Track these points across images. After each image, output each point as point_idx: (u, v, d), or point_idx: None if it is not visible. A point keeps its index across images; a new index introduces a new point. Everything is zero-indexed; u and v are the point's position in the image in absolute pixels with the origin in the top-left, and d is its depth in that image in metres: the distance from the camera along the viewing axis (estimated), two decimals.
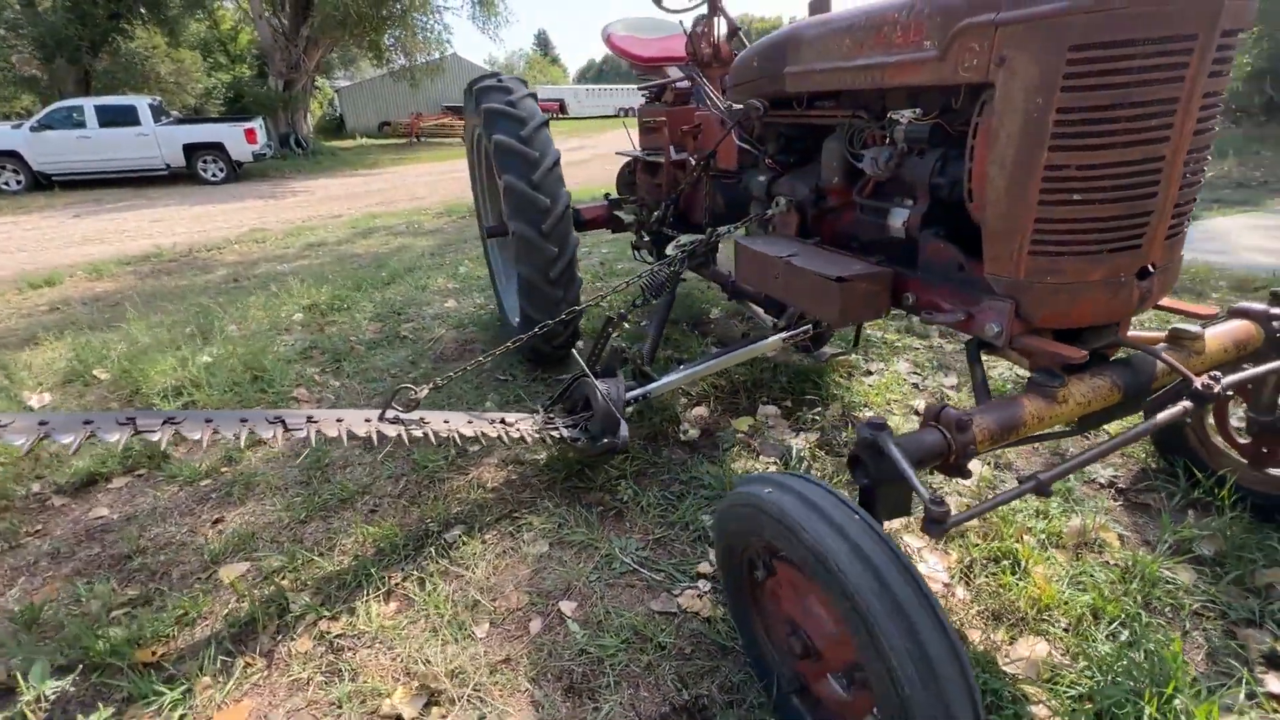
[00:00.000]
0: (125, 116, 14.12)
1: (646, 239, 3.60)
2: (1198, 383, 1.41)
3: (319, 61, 21.08)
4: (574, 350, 2.37)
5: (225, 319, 4.41)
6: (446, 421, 2.14)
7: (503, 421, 2.25)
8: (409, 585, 1.97)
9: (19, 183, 13.94)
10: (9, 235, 9.61)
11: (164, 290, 5.91)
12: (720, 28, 3.02)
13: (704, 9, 3.03)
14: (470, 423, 2.19)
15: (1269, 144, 9.86)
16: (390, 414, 2.06)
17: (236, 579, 2.04)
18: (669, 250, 2.70)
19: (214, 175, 14.85)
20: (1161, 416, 1.42)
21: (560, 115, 36.24)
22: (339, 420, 1.95)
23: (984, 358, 1.67)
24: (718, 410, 2.87)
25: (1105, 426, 2.12)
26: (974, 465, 2.26)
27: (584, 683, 1.62)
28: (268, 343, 3.87)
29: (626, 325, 2.98)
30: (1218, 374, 1.46)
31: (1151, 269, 1.40)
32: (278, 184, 14.88)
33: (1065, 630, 1.66)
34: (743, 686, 1.57)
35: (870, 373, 3.06)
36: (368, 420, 2.01)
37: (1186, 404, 1.42)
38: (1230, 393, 1.53)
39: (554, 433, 2.29)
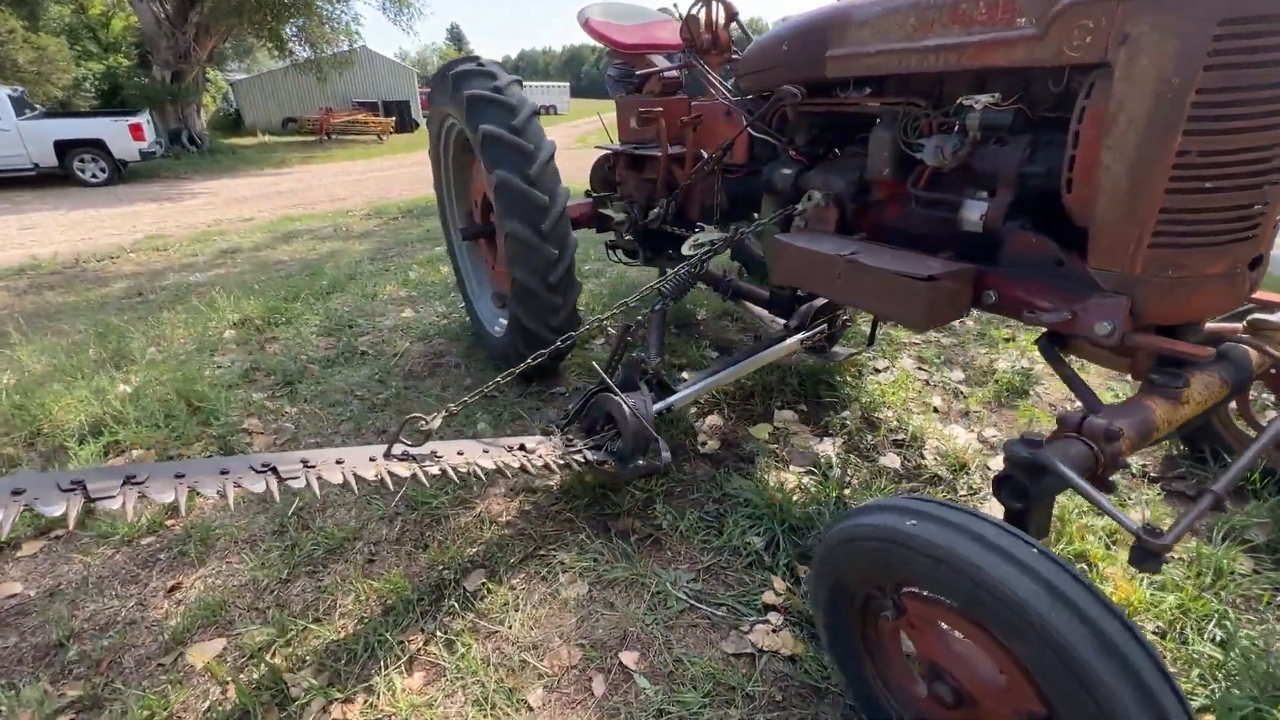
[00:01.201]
0: None
1: (628, 238, 3.39)
2: None
3: (211, 51, 19.26)
4: (594, 363, 2.13)
5: (138, 340, 3.81)
6: (461, 453, 1.86)
7: (522, 448, 1.99)
8: (434, 650, 1.68)
9: None
10: None
11: (50, 308, 5.11)
12: (719, 13, 2.84)
13: None
14: (486, 452, 1.91)
15: None
16: (398, 449, 1.75)
17: (213, 661, 1.68)
18: (686, 249, 2.50)
19: (94, 176, 13.21)
20: None
21: None
22: (339, 462, 1.63)
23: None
24: (732, 419, 2.71)
25: None
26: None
27: None
28: (198, 366, 3.36)
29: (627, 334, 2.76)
30: None
31: (1260, 259, 1.34)
32: (172, 185, 13.45)
33: (1159, 634, 1.61)
34: None
35: (878, 370, 2.99)
36: (372, 459, 1.70)
37: None
38: None
39: (578, 457, 2.04)
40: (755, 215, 2.42)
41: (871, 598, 1.29)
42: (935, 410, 2.65)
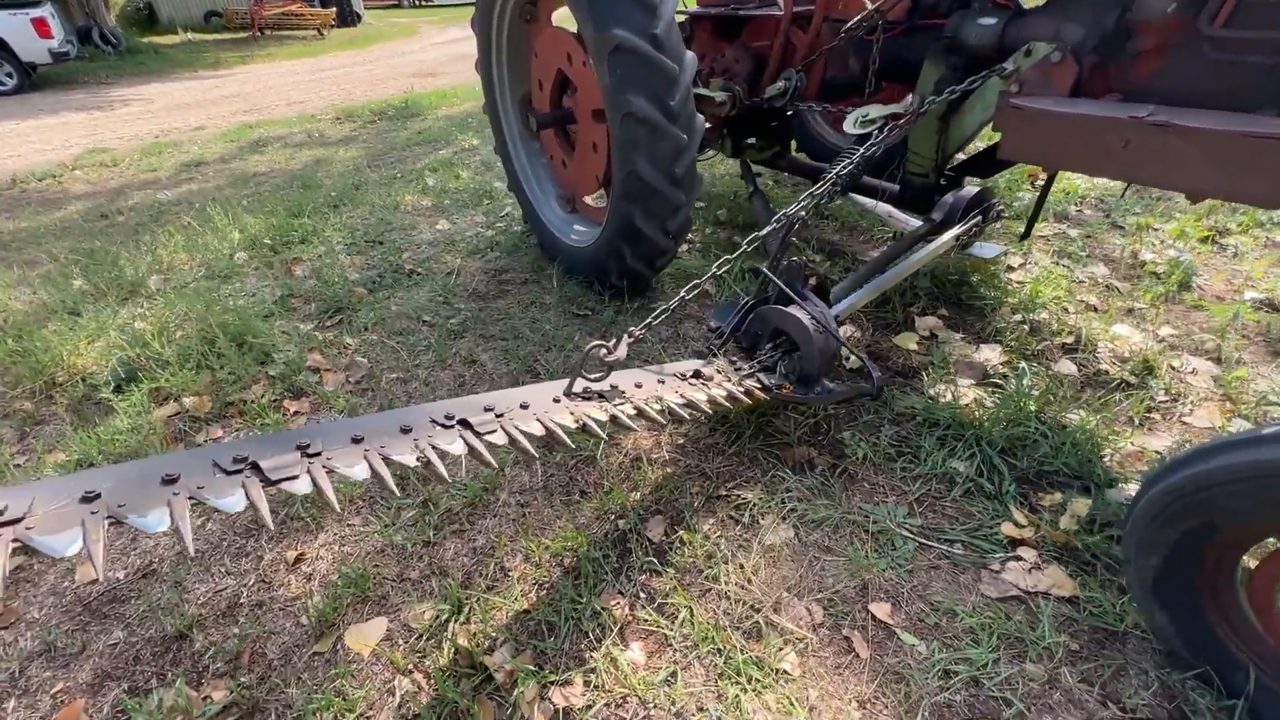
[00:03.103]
0: None
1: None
2: None
3: None
4: (761, 267, 1.78)
5: (131, 268, 3.26)
6: (639, 386, 1.54)
7: (697, 375, 1.67)
8: (645, 615, 1.44)
9: None
10: None
11: (1, 235, 4.41)
12: None
13: None
14: (663, 383, 1.59)
15: None
16: (580, 386, 1.42)
17: (381, 646, 1.40)
18: (851, 127, 2.09)
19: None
20: None
21: (424, 2, 31.73)
22: (524, 406, 1.29)
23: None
24: (869, 329, 2.42)
25: None
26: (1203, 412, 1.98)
27: (980, 718, 1.21)
28: (223, 295, 2.88)
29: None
30: None
31: None
32: (96, 92, 11.83)
33: None
34: (1178, 687, 1.23)
35: (1012, 268, 2.71)
36: (557, 400, 1.37)
37: None
38: None
39: (753, 383, 1.74)
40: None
41: (1225, 548, 1.07)
42: (1094, 309, 2.40)
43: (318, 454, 1.00)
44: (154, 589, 1.59)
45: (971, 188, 2.38)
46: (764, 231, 1.69)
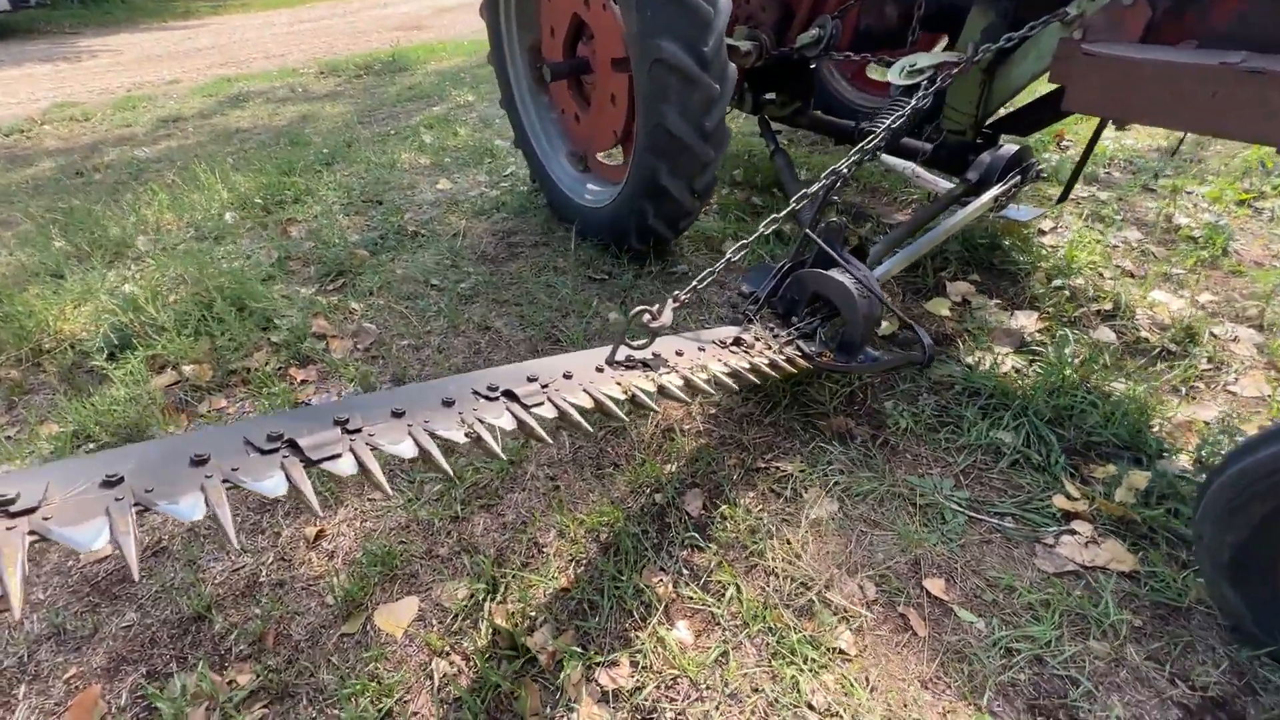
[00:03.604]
0: None
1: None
2: None
3: None
4: (808, 231, 1.67)
5: (115, 227, 3.07)
6: (680, 353, 1.45)
7: (737, 343, 1.59)
8: (690, 593, 1.38)
9: None
10: None
11: None
12: None
13: None
14: (703, 351, 1.51)
15: None
16: (622, 354, 1.33)
17: (414, 627, 1.34)
18: (895, 78, 1.95)
19: None
20: None
21: None
22: (566, 375, 1.20)
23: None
24: (899, 293, 2.33)
25: None
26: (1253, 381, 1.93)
27: (1046, 697, 1.17)
28: (215, 257, 2.73)
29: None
30: None
31: None
32: (61, 42, 11.22)
33: None
34: (1248, 665, 1.19)
35: (1043, 232, 2.62)
36: (600, 369, 1.28)
37: None
38: None
39: (792, 350, 1.66)
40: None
41: None
42: (1130, 275, 2.33)
43: (358, 430, 0.91)
44: (166, 568, 1.50)
45: (1010, 146, 2.27)
46: (815, 188, 1.58)
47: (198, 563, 1.51)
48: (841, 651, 1.26)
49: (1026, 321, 2.13)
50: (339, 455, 0.85)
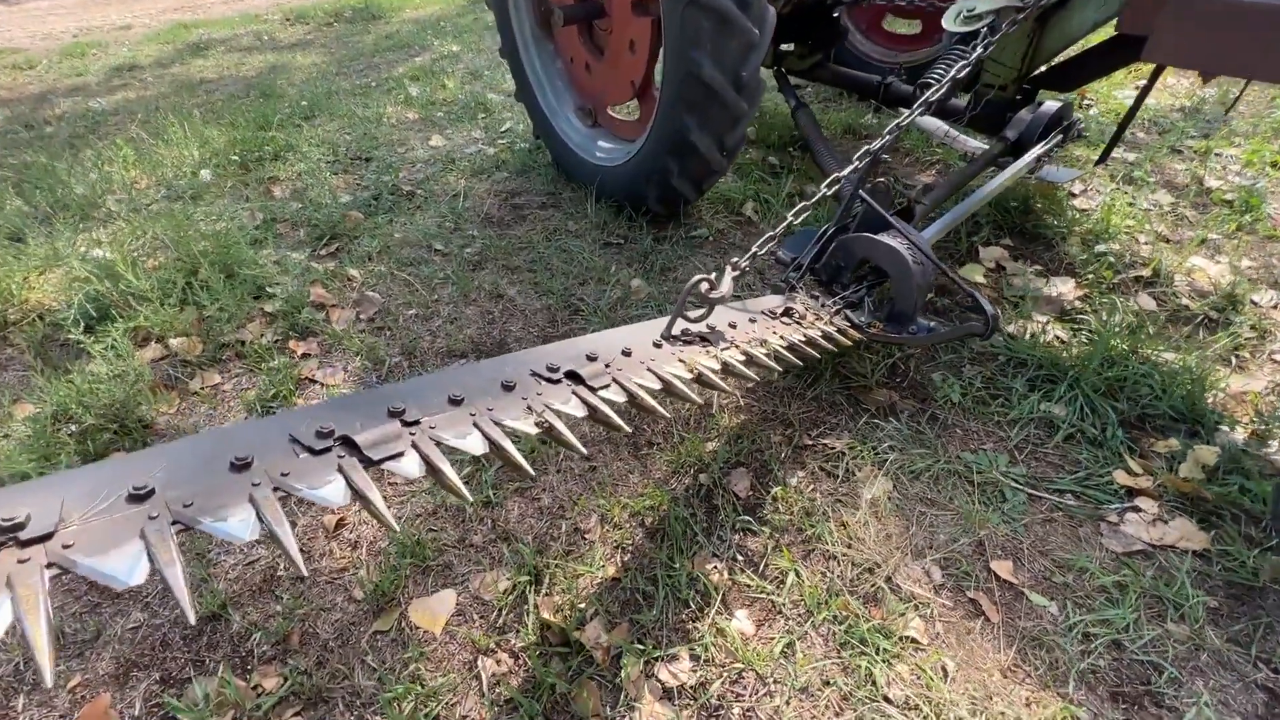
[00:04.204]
0: None
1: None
2: None
3: None
4: (862, 192, 1.56)
5: (81, 183, 2.81)
6: (734, 326, 1.34)
7: (787, 314, 1.48)
8: (746, 580, 1.30)
9: None
10: None
11: None
12: None
13: None
14: (754, 322, 1.40)
15: None
16: (679, 328, 1.21)
17: (453, 622, 1.24)
18: (950, 24, 1.80)
19: None
20: None
21: None
22: (625, 352, 1.08)
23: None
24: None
25: None
26: None
27: (1129, 684, 1.13)
28: (196, 219, 2.51)
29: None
30: None
31: None
32: None
33: None
34: None
35: (1074, 195, 2.53)
36: (658, 345, 1.16)
37: None
38: None
39: (842, 321, 1.56)
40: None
41: None
42: (1165, 240, 2.27)
43: (416, 422, 0.78)
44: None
45: (1051, 103, 2.16)
46: (877, 145, 1.46)
47: (207, 556, 1.38)
48: (914, 640, 1.20)
49: (1064, 289, 2.06)
50: (401, 454, 0.74)
